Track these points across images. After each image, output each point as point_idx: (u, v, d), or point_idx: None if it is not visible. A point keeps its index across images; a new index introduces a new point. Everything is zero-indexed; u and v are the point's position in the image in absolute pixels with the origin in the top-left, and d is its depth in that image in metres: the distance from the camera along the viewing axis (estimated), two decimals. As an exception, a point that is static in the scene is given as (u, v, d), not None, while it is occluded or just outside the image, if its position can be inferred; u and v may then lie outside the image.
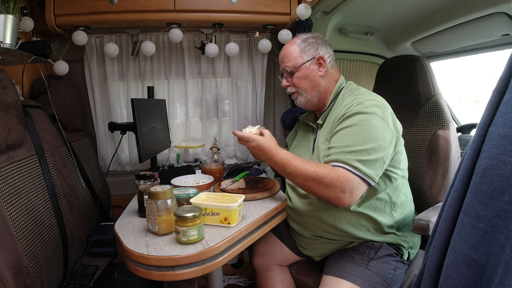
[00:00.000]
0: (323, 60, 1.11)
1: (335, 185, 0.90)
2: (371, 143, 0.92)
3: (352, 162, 0.91)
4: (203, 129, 1.81)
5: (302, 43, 1.13)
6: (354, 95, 1.07)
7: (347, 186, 0.90)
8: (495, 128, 0.44)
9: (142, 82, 1.72)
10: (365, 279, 0.97)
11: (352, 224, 1.03)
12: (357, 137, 0.93)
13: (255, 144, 1.04)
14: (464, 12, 1.20)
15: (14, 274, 0.81)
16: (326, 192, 0.91)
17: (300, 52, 1.11)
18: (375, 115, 0.95)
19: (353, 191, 0.91)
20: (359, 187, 0.91)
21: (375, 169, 0.92)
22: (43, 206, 1.05)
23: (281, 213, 1.12)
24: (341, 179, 0.90)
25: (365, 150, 0.91)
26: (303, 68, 1.11)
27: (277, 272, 1.26)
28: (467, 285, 0.45)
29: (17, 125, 0.98)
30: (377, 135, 0.93)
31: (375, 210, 1.02)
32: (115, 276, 1.12)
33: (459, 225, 0.48)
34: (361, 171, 0.90)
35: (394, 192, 1.04)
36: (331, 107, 1.12)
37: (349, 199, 0.91)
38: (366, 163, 0.91)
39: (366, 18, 1.52)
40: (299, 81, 1.12)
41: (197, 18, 1.46)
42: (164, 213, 0.85)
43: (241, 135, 1.06)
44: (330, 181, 0.90)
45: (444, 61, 1.81)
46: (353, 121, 0.96)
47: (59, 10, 1.36)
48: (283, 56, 1.15)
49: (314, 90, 1.12)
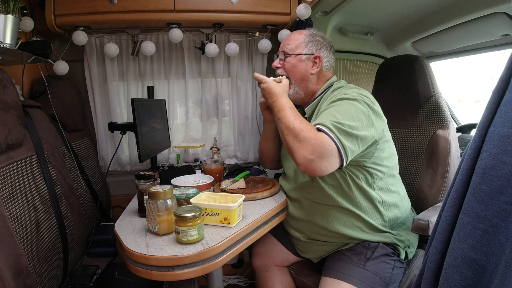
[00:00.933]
0: (319, 60, 1.12)
1: (308, 143, 0.86)
2: (348, 120, 0.90)
3: (328, 125, 0.88)
4: (203, 129, 1.81)
5: (309, 36, 1.14)
6: (340, 89, 1.08)
7: (319, 150, 0.85)
8: (495, 128, 0.44)
9: (142, 82, 1.72)
10: (362, 280, 0.97)
11: (345, 224, 1.03)
12: (336, 114, 0.92)
13: (265, 86, 1.06)
14: (464, 12, 1.20)
15: (14, 274, 0.81)
16: (297, 146, 0.88)
17: (303, 43, 1.13)
18: (356, 101, 0.95)
19: (323, 158, 0.85)
20: (330, 157, 0.86)
21: (350, 142, 0.88)
22: (43, 206, 1.05)
23: (281, 213, 1.12)
24: (317, 140, 0.86)
25: (341, 123, 0.88)
26: (299, 58, 1.12)
27: (276, 272, 1.26)
28: (467, 285, 0.45)
29: (17, 125, 0.98)
30: (355, 116, 0.91)
31: (366, 210, 1.03)
32: (115, 276, 1.12)
33: (459, 225, 0.48)
34: (337, 137, 0.86)
35: (383, 191, 1.04)
36: (318, 99, 1.13)
37: (316, 164, 0.86)
38: (341, 132, 0.87)
39: (366, 18, 1.52)
40: (290, 66, 1.13)
41: (197, 18, 1.46)
42: (164, 213, 0.85)
43: (257, 76, 1.10)
44: (305, 137, 0.87)
45: (444, 61, 1.81)
46: (335, 104, 0.97)
47: (59, 10, 1.36)
48: (287, 38, 1.17)
49: (303, 83, 1.13)
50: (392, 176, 1.09)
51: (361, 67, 1.95)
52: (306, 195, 1.08)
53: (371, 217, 1.03)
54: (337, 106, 0.96)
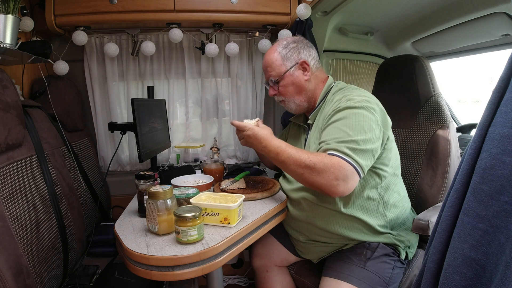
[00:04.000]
0: (306, 64, 1.10)
1: (329, 171, 0.87)
2: (360, 135, 0.91)
3: (343, 149, 0.89)
4: (203, 129, 1.81)
5: (283, 49, 1.11)
6: (343, 91, 1.07)
7: (341, 173, 0.86)
8: (495, 128, 0.44)
9: (142, 82, 1.72)
10: (363, 280, 0.97)
11: (345, 226, 1.03)
12: (347, 129, 0.92)
13: (251, 133, 1.04)
14: (464, 12, 1.20)
15: (14, 274, 0.81)
16: (319, 179, 0.88)
17: (282, 60, 1.10)
18: (363, 109, 0.95)
19: (347, 180, 0.87)
20: (352, 176, 0.88)
21: (365, 159, 0.90)
22: (43, 206, 1.05)
23: (281, 213, 1.12)
24: (335, 165, 0.87)
25: (355, 141, 0.90)
26: (287, 75, 1.10)
27: (276, 273, 1.26)
28: (467, 285, 0.45)
29: (17, 125, 0.98)
30: (366, 128, 0.92)
31: (367, 211, 1.02)
32: (115, 276, 1.12)
33: (459, 225, 0.48)
34: (353, 159, 0.88)
35: (385, 191, 1.04)
36: (320, 105, 1.12)
37: (343, 188, 0.87)
38: (357, 152, 0.89)
39: (366, 18, 1.52)
40: (285, 89, 1.11)
41: (197, 18, 1.46)
42: (164, 213, 0.85)
43: (238, 124, 1.08)
44: (324, 167, 0.87)
45: (444, 61, 1.81)
46: (343, 115, 0.96)
47: (59, 10, 1.36)
48: (266, 65, 1.13)
49: (302, 95, 1.12)
50: (395, 175, 1.09)
51: (361, 67, 1.95)
52: (306, 196, 1.08)
53: (372, 218, 1.02)
54: (346, 119, 0.94)
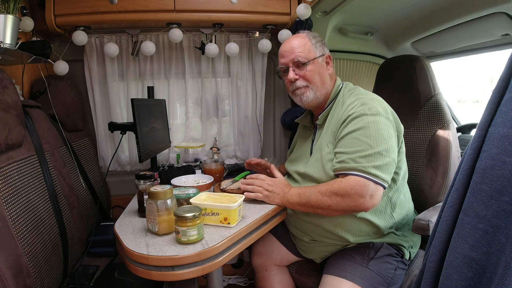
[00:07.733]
0: (330, 59, 1.11)
1: (350, 193, 0.90)
2: (382, 144, 0.92)
3: (369, 170, 0.91)
4: (203, 129, 1.81)
5: (312, 38, 1.10)
6: (354, 95, 1.06)
7: (364, 191, 0.90)
8: (495, 128, 0.44)
9: (142, 82, 1.72)
10: (365, 279, 0.97)
11: (351, 231, 1.03)
12: (368, 140, 0.93)
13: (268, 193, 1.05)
14: (464, 12, 1.20)
15: (14, 274, 0.81)
16: (346, 203, 0.91)
17: (312, 46, 1.09)
18: (380, 115, 0.95)
19: (373, 194, 0.91)
20: (376, 190, 0.92)
21: (390, 173, 0.93)
22: (43, 206, 1.05)
23: (281, 213, 1.12)
24: (355, 186, 0.90)
25: (379, 153, 0.91)
26: (316, 62, 1.08)
27: (276, 272, 1.26)
28: (467, 285, 0.45)
29: (17, 125, 0.98)
30: (386, 136, 0.93)
31: (375, 213, 1.02)
32: (115, 276, 1.12)
33: (459, 225, 0.48)
34: (379, 177, 0.91)
35: (394, 193, 1.04)
36: (330, 107, 1.11)
37: (370, 202, 0.91)
38: (382, 168, 0.91)
39: (366, 18, 1.52)
40: (312, 74, 1.08)
41: (197, 18, 1.46)
42: (164, 213, 0.85)
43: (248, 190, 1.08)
44: (344, 192, 0.91)
45: (444, 61, 1.81)
46: (361, 123, 0.95)
47: (59, 10, 1.36)
48: (293, 46, 1.08)
49: (324, 87, 1.10)
50: (404, 178, 1.09)
51: (361, 67, 1.95)
52: None
53: (380, 220, 1.02)
54: (365, 129, 0.94)
